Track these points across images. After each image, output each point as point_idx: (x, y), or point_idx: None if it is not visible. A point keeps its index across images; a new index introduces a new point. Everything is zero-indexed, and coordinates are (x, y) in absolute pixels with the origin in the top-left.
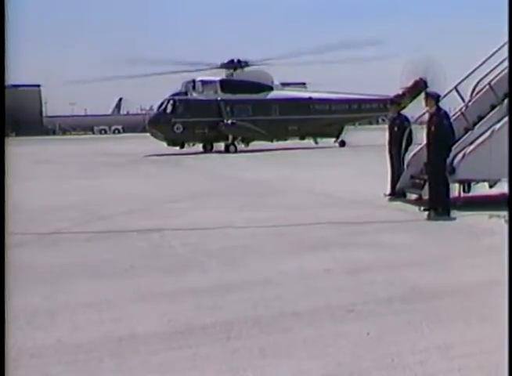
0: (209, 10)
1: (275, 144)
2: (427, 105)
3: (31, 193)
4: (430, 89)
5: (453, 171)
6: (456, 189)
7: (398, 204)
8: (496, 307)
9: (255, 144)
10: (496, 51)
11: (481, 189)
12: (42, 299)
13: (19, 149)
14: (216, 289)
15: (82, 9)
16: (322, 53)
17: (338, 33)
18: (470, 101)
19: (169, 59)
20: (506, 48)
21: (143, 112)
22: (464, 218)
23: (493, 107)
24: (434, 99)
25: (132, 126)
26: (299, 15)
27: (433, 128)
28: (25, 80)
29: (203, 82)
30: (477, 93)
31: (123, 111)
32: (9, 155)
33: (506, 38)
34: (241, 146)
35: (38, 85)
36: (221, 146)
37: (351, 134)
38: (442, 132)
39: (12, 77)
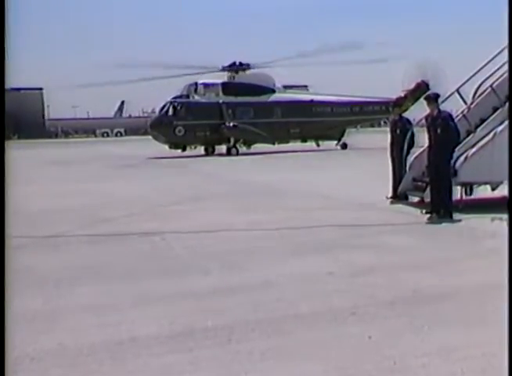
0: (211, 14)
1: (277, 147)
2: (429, 108)
3: (29, 195)
4: (432, 91)
5: (455, 173)
6: (458, 192)
7: (399, 206)
8: (498, 310)
9: (257, 147)
10: (498, 53)
11: (484, 192)
12: (42, 302)
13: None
14: (217, 292)
15: (85, 13)
16: (324, 55)
17: (340, 34)
18: (472, 103)
19: (171, 62)
20: (507, 50)
21: (145, 115)
22: (466, 221)
23: (495, 109)
24: (434, 100)
25: (134, 129)
26: (301, 16)
27: (439, 131)
28: (27, 83)
29: (205, 85)
30: (479, 95)
31: (125, 114)
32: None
33: (506, 40)
34: (243, 149)
35: (41, 88)
36: (222, 148)
37: (352, 136)
38: (449, 134)
39: (15, 81)
